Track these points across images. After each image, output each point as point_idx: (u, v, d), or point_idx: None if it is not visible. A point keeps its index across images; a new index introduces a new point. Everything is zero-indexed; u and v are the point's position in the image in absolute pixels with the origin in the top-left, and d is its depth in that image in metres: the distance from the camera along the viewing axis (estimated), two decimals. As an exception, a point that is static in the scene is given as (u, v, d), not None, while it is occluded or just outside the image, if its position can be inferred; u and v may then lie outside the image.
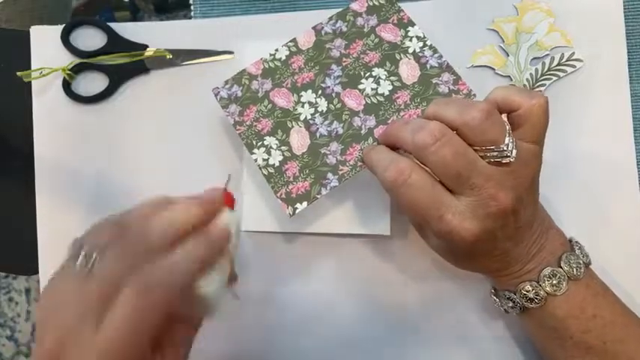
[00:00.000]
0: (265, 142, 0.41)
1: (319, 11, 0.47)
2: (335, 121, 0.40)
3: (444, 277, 0.45)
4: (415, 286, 0.45)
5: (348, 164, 0.39)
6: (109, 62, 0.48)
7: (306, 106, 0.41)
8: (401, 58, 0.41)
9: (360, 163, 0.39)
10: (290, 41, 0.43)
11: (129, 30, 0.48)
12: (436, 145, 0.32)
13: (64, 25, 0.48)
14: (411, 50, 0.41)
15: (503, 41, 0.46)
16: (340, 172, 0.39)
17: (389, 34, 0.42)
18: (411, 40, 0.42)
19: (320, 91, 0.41)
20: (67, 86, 0.48)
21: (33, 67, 0.48)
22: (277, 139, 0.41)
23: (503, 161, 0.33)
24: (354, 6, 0.43)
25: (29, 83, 0.48)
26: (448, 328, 0.45)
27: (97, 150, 0.47)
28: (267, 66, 0.43)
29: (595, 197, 0.45)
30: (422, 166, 0.34)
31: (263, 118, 0.41)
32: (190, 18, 0.49)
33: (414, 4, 0.47)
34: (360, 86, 0.41)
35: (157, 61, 0.48)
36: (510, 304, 0.38)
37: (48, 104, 0.48)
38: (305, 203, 0.39)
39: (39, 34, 0.48)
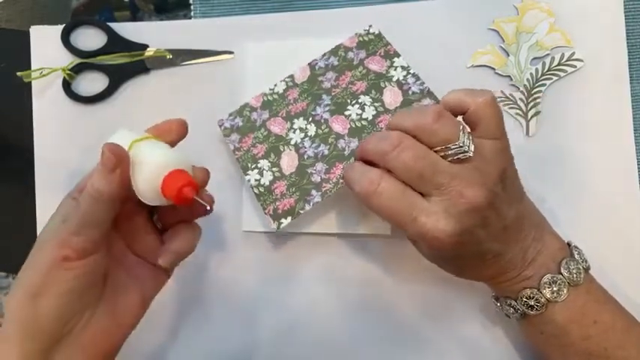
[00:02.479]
0: (259, 165, 0.43)
1: (319, 11, 0.47)
2: (322, 144, 0.43)
3: (445, 277, 0.45)
4: (416, 287, 0.45)
5: (330, 182, 0.41)
6: (109, 62, 0.48)
7: (297, 131, 0.43)
8: (385, 86, 0.43)
9: (341, 180, 0.41)
10: (288, 77, 0.46)
11: (129, 30, 0.48)
12: (396, 150, 0.34)
13: (64, 25, 0.48)
14: (395, 79, 0.43)
15: (504, 41, 0.46)
16: (323, 189, 0.41)
17: (376, 65, 0.44)
18: (395, 70, 0.44)
19: (310, 118, 0.44)
20: (67, 86, 0.48)
21: (33, 67, 0.48)
22: (270, 161, 0.43)
23: (463, 157, 0.34)
24: (346, 42, 0.45)
25: (29, 83, 0.48)
26: (448, 330, 0.45)
27: (97, 150, 0.47)
28: (266, 99, 0.45)
29: (595, 197, 0.45)
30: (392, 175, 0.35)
31: (259, 143, 0.44)
32: (190, 18, 0.49)
33: (415, 4, 0.47)
34: (347, 112, 0.43)
35: (157, 61, 0.48)
36: (511, 310, 0.38)
37: (48, 104, 0.48)
38: (289, 218, 0.41)
39: (39, 34, 0.48)
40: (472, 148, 0.34)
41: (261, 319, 0.46)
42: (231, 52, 0.48)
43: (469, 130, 0.35)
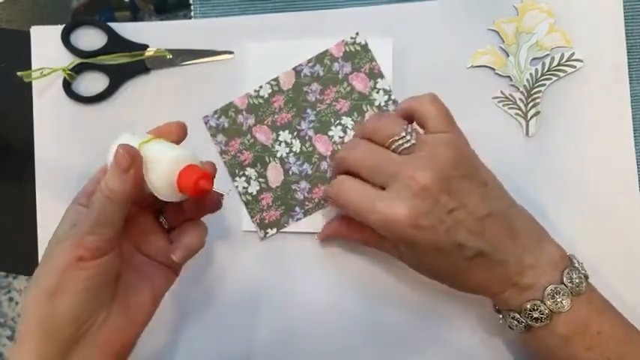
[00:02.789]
0: (246, 173, 0.46)
1: (319, 11, 0.47)
2: (306, 163, 0.45)
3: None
4: (417, 286, 0.45)
5: (313, 202, 0.45)
6: (109, 62, 0.48)
7: (283, 145, 0.46)
8: (367, 110, 0.45)
9: (322, 202, 0.45)
10: (273, 80, 0.46)
11: (129, 30, 0.48)
12: (350, 151, 0.39)
13: (64, 25, 0.48)
14: (376, 103, 0.45)
15: (504, 41, 0.46)
16: (306, 207, 0.45)
17: (360, 83, 0.46)
18: (378, 93, 0.45)
19: (295, 133, 0.46)
20: (67, 86, 0.48)
21: (33, 67, 0.48)
22: (256, 171, 0.46)
23: (407, 146, 0.37)
24: (333, 50, 0.46)
25: (30, 83, 0.48)
26: (448, 329, 0.45)
27: (98, 150, 0.47)
28: (251, 102, 0.46)
29: (595, 198, 0.45)
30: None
31: (245, 150, 0.46)
32: (190, 18, 0.49)
33: (415, 5, 0.47)
34: (330, 133, 0.46)
35: (157, 61, 0.48)
36: (515, 323, 0.38)
37: (48, 104, 0.48)
38: (275, 229, 0.46)
39: (39, 34, 0.48)
40: (414, 136, 0.38)
41: (261, 319, 0.46)
42: (231, 52, 0.48)
43: (415, 127, 0.39)
